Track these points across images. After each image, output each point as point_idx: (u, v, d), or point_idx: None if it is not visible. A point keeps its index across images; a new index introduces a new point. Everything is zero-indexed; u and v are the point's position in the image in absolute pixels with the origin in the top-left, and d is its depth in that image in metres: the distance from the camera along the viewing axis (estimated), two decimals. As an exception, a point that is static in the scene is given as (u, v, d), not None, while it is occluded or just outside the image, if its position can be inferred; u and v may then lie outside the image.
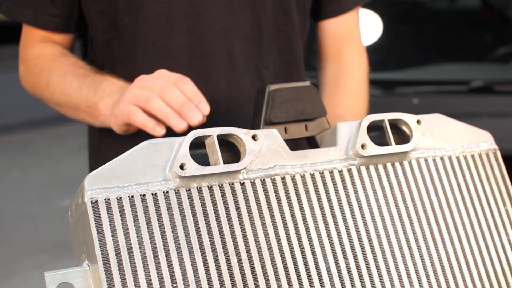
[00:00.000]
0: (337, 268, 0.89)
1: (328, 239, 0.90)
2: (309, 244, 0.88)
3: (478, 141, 1.04)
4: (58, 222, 4.35)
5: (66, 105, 1.23)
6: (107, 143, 1.34)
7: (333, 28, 1.44)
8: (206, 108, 1.02)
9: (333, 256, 0.89)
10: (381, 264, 0.91)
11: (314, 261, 0.88)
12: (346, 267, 0.89)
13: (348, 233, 0.91)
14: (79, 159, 5.74)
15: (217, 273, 0.83)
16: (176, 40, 1.26)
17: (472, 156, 1.03)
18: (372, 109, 1.41)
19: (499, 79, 2.76)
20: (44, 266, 3.74)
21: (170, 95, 1.01)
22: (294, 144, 0.99)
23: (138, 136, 1.07)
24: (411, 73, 2.88)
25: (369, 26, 2.91)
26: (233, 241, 0.85)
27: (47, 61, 1.28)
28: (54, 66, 1.26)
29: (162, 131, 1.00)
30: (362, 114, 1.41)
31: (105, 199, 0.82)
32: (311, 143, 1.04)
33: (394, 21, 3.21)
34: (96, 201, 0.82)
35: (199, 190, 0.86)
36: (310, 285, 0.86)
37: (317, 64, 1.48)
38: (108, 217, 0.81)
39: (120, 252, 0.80)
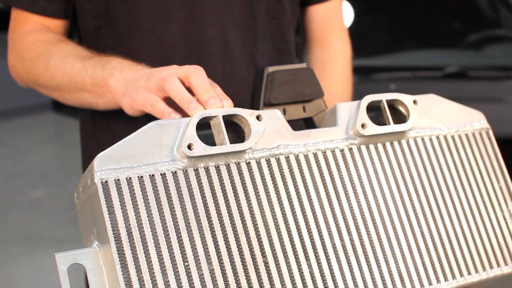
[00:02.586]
0: (342, 245, 0.91)
1: (333, 216, 0.92)
2: (315, 221, 0.90)
3: (471, 120, 1.07)
4: (30, 214, 4.33)
5: (68, 87, 1.19)
6: (102, 131, 1.32)
7: (318, 14, 1.46)
8: (228, 105, 0.95)
9: (338, 232, 0.91)
10: (383, 240, 0.93)
11: (320, 237, 0.90)
12: (351, 243, 0.91)
13: (352, 210, 0.93)
14: (48, 150, 5.72)
15: (227, 251, 0.84)
16: (172, 27, 1.26)
17: (466, 135, 1.06)
18: (350, 95, 1.44)
19: (472, 65, 2.81)
20: (18, 258, 3.72)
21: (196, 77, 0.96)
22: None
23: (134, 122, 1.07)
24: (386, 60, 2.92)
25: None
26: (241, 219, 0.87)
27: (45, 46, 1.25)
28: (53, 50, 1.23)
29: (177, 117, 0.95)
30: (348, 98, 1.44)
31: (115, 180, 0.83)
32: (308, 124, 1.06)
33: (367, 8, 3.23)
34: (106, 181, 0.82)
35: (207, 170, 0.87)
36: (317, 261, 0.88)
37: (301, 50, 1.50)
38: (119, 197, 0.82)
39: (131, 232, 0.81)
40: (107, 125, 1.31)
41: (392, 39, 3.10)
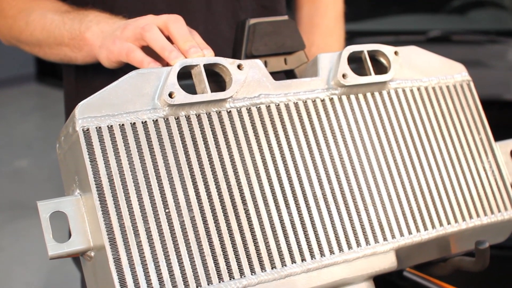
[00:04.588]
0: (322, 193, 0.91)
1: (313, 165, 0.92)
2: (295, 170, 0.91)
3: (453, 72, 1.07)
4: (14, 183, 4.32)
5: (47, 41, 1.19)
6: (85, 89, 1.31)
7: None
8: (209, 54, 0.94)
9: (318, 181, 0.91)
10: (364, 189, 0.94)
11: (300, 186, 0.90)
12: (331, 192, 0.92)
13: (332, 159, 0.93)
14: (32, 120, 5.69)
15: (207, 198, 0.85)
16: None
17: (447, 87, 1.06)
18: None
19: (455, 29, 2.81)
20: (2, 227, 3.72)
21: (176, 27, 0.95)
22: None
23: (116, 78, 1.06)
24: (369, 24, 2.91)
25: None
26: (222, 167, 0.87)
27: (25, 2, 1.24)
28: (34, 6, 1.23)
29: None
30: None
31: (96, 128, 0.83)
32: (289, 76, 1.06)
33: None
34: (88, 129, 0.82)
35: (188, 118, 0.87)
36: (297, 208, 0.89)
37: (292, 5, 1.49)
38: (100, 145, 0.82)
39: (113, 179, 0.81)
40: (90, 83, 1.30)
41: (375, 4, 3.09)
